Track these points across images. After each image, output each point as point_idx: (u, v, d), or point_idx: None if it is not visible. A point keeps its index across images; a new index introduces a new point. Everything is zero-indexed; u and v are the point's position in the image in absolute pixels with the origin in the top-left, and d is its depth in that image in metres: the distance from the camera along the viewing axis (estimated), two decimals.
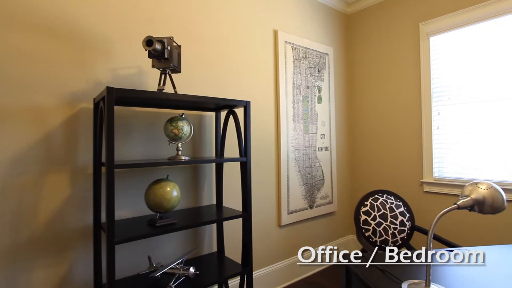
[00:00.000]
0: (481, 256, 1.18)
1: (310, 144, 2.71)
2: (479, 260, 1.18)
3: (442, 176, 2.52)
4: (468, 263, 1.20)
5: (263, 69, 2.39)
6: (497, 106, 2.23)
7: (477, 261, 1.18)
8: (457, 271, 1.21)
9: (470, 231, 2.35)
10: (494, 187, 1.00)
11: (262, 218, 2.34)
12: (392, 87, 2.85)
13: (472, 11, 2.31)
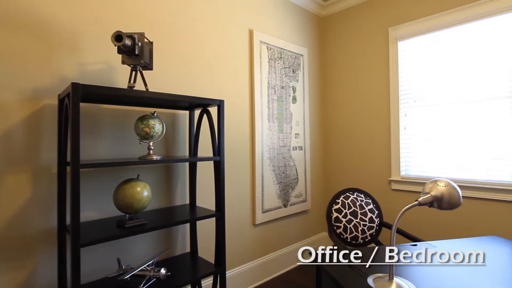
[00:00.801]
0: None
1: (284, 144, 2.75)
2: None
3: (409, 174, 2.64)
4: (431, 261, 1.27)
5: (238, 68, 2.39)
6: (458, 108, 2.37)
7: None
8: (419, 264, 1.28)
9: (434, 225, 2.48)
10: (451, 185, 1.07)
11: (236, 217, 2.34)
12: (363, 89, 2.95)
13: (436, 18, 2.44)
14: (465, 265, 1.16)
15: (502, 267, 1.24)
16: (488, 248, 1.46)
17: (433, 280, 1.13)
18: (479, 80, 2.27)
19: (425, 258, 1.25)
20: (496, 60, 2.19)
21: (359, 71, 2.99)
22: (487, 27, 2.23)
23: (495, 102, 2.19)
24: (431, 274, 1.18)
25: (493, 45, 2.20)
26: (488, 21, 2.22)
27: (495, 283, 1.11)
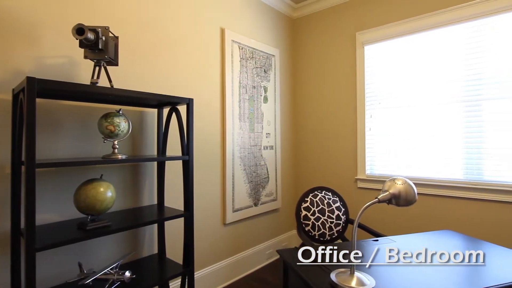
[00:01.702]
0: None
1: (255, 143, 2.77)
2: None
3: (373, 173, 2.77)
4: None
5: (210, 66, 2.37)
6: (418, 111, 2.52)
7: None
8: (379, 258, 1.35)
9: (396, 221, 2.62)
10: (408, 183, 1.14)
11: (206, 217, 2.33)
12: (332, 91, 3.05)
13: (401, 25, 2.58)
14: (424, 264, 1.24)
15: (462, 260, 1.33)
16: (441, 241, 1.57)
17: (390, 274, 1.19)
18: (438, 85, 2.42)
19: (386, 255, 1.33)
20: (453, 67, 2.36)
21: (328, 73, 3.08)
22: (445, 35, 2.39)
23: (451, 105, 2.36)
24: (389, 268, 1.25)
25: (451, 52, 2.37)
26: (447, 30, 2.38)
27: (446, 274, 1.19)
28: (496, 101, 2.17)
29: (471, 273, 1.20)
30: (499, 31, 2.16)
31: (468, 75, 2.28)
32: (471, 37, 2.27)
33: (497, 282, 1.11)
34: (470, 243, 1.53)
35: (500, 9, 2.12)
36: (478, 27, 2.24)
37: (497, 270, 1.22)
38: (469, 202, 2.26)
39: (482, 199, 2.20)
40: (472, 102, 2.26)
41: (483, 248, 1.46)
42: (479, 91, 2.23)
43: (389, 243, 1.55)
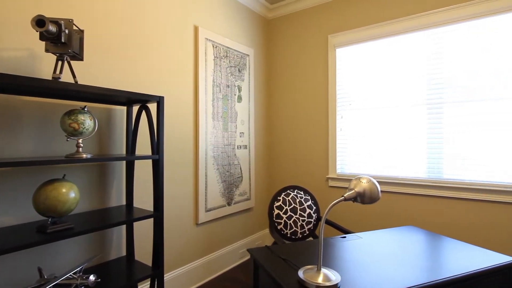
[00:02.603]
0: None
1: (229, 142, 2.76)
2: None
3: (344, 172, 2.86)
4: None
5: (183, 64, 2.33)
6: (386, 112, 2.63)
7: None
8: (346, 255, 1.40)
9: (363, 218, 2.72)
10: (372, 181, 1.18)
11: (178, 217, 2.29)
12: (305, 91, 3.10)
13: (371, 29, 2.67)
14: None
15: (415, 254, 1.41)
16: (405, 236, 1.65)
17: (356, 269, 1.24)
18: (404, 88, 2.54)
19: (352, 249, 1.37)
20: (418, 71, 2.48)
21: (301, 74, 3.13)
22: (412, 41, 2.51)
23: (416, 108, 2.48)
24: (355, 263, 1.29)
25: (416, 57, 2.49)
26: (413, 36, 2.50)
27: (408, 268, 1.26)
28: (455, 105, 2.32)
29: (430, 266, 1.27)
30: (458, 39, 2.31)
31: (431, 80, 2.42)
32: (434, 43, 2.41)
33: (453, 273, 1.19)
34: (431, 238, 1.62)
35: (459, 18, 2.27)
36: (440, 34, 2.38)
37: (453, 263, 1.30)
38: (431, 199, 2.40)
39: (442, 196, 2.35)
40: (434, 105, 2.40)
41: (442, 242, 1.56)
42: (440, 95, 2.37)
43: (356, 240, 1.60)
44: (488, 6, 2.15)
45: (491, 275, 1.28)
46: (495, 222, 2.15)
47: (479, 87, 2.23)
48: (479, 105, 2.23)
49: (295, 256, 1.37)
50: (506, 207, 2.11)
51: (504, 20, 2.13)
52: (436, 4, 2.37)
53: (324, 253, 1.41)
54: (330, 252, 1.43)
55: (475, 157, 2.24)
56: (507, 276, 1.32)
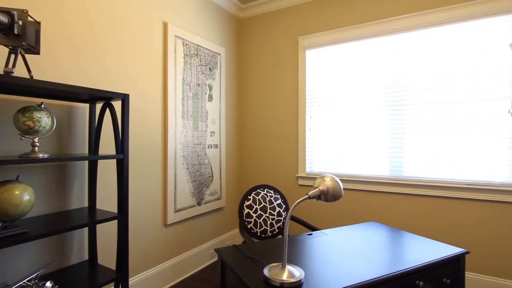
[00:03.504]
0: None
1: (199, 142, 2.73)
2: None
3: (313, 171, 2.93)
4: None
5: (151, 61, 2.27)
6: (351, 113, 2.74)
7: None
8: (312, 251, 1.44)
9: (329, 215, 2.81)
10: (335, 179, 1.22)
11: (145, 218, 2.22)
12: (276, 91, 3.14)
13: (339, 32, 2.76)
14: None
15: (376, 248, 1.48)
16: (367, 232, 1.73)
17: (320, 264, 1.28)
18: (369, 90, 2.66)
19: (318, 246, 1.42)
20: (382, 74, 2.60)
21: (272, 74, 3.17)
22: (377, 45, 2.63)
23: (379, 109, 2.60)
24: (320, 259, 1.33)
25: (380, 61, 2.61)
26: (378, 40, 2.62)
27: (369, 261, 1.32)
28: (415, 107, 2.46)
29: (390, 259, 1.34)
30: (419, 44, 2.45)
31: (394, 82, 2.54)
32: (397, 48, 2.53)
33: (410, 265, 1.27)
34: (392, 233, 1.71)
35: (419, 25, 2.41)
36: (402, 39, 2.51)
37: (411, 255, 1.38)
38: (393, 196, 2.53)
39: (403, 193, 2.48)
40: (396, 107, 2.53)
41: (401, 237, 1.65)
42: (402, 97, 2.51)
43: (322, 236, 1.65)
44: (446, 15, 2.31)
45: (444, 265, 1.38)
46: (449, 216, 2.32)
47: (437, 90, 2.38)
48: (436, 108, 2.38)
49: (262, 254, 1.38)
50: (458, 202, 2.28)
51: (460, 28, 2.30)
52: (399, 11, 2.50)
53: (291, 250, 1.44)
54: (297, 249, 1.46)
55: (433, 156, 2.39)
56: (457, 265, 1.42)
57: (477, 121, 2.23)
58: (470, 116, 2.26)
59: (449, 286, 1.39)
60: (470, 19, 2.22)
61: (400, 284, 1.25)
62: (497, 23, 2.16)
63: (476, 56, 2.23)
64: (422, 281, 1.29)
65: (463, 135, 2.28)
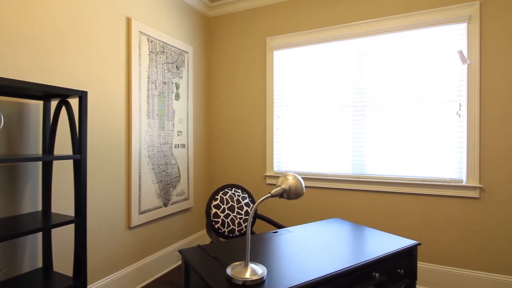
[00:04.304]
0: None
1: (166, 141, 2.66)
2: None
3: (280, 170, 2.98)
4: None
5: (113, 58, 2.18)
6: (318, 113, 2.82)
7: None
8: (276, 248, 1.46)
9: (295, 213, 2.88)
10: (297, 178, 1.26)
11: (107, 221, 2.13)
12: (244, 91, 3.16)
13: (305, 35, 2.83)
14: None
15: (338, 243, 1.54)
16: (330, 228, 1.79)
17: (283, 261, 1.31)
18: (334, 92, 2.75)
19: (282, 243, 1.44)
20: (345, 76, 2.71)
21: (241, 74, 3.18)
22: (341, 48, 2.73)
23: (343, 110, 2.71)
24: (284, 256, 1.36)
25: (344, 63, 2.71)
26: (342, 43, 2.72)
27: (331, 256, 1.37)
28: (375, 108, 2.59)
29: (351, 253, 1.40)
30: (378, 49, 2.58)
31: (356, 84, 2.66)
32: (359, 51, 2.65)
33: (368, 258, 1.34)
34: (353, 228, 1.79)
35: (379, 30, 2.54)
36: (363, 43, 2.63)
37: (370, 249, 1.45)
38: (355, 193, 2.64)
39: (365, 190, 2.61)
40: (358, 108, 2.65)
41: (362, 231, 1.73)
42: (363, 99, 2.63)
43: (286, 234, 1.69)
44: (403, 22, 2.45)
45: (398, 257, 1.47)
46: (405, 211, 2.47)
47: (394, 93, 2.52)
48: (393, 109, 2.52)
49: (228, 253, 1.38)
50: (413, 197, 2.44)
51: (415, 35, 2.45)
52: (361, 17, 2.62)
53: (256, 248, 1.46)
54: (262, 247, 1.48)
55: (391, 155, 2.54)
56: (409, 256, 1.53)
57: (429, 122, 2.40)
58: (423, 117, 2.42)
59: (403, 276, 1.49)
60: (424, 26, 2.38)
61: (358, 276, 1.31)
62: (447, 31, 2.34)
63: (429, 61, 2.40)
64: (378, 273, 1.37)
65: (417, 135, 2.44)
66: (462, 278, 2.28)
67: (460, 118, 2.30)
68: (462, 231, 2.29)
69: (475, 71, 2.23)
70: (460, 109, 2.30)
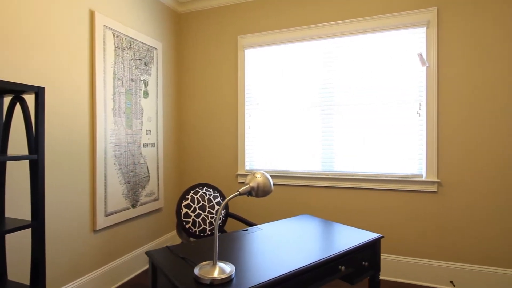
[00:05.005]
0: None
1: (134, 140, 2.58)
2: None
3: (252, 168, 3.00)
4: None
5: (74, 53, 2.06)
6: (289, 112, 2.86)
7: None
8: (246, 246, 1.47)
9: (266, 210, 2.91)
10: (265, 176, 1.27)
11: (69, 224, 2.02)
12: (215, 89, 3.13)
13: (275, 34, 2.86)
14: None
15: (307, 239, 1.58)
16: (299, 224, 1.83)
17: (252, 258, 1.32)
18: (304, 91, 2.80)
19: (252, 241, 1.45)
20: (314, 76, 2.77)
21: (212, 72, 3.14)
22: (310, 48, 2.78)
23: (313, 109, 2.77)
24: (253, 254, 1.37)
25: (313, 63, 2.77)
26: (310, 43, 2.77)
27: (299, 251, 1.40)
28: (342, 108, 2.67)
29: (319, 247, 1.44)
30: (345, 51, 2.67)
31: (324, 84, 2.73)
32: (327, 52, 2.72)
33: (335, 251, 1.38)
34: (322, 224, 1.84)
35: (345, 32, 2.62)
36: (331, 45, 2.70)
37: (337, 243, 1.50)
38: (325, 190, 2.72)
39: (333, 187, 2.69)
40: (327, 107, 2.72)
41: (330, 227, 1.78)
42: (331, 98, 2.70)
43: (257, 231, 1.70)
44: (367, 25, 2.55)
45: (362, 250, 1.53)
46: (371, 206, 2.58)
47: (359, 93, 2.62)
48: (359, 109, 2.62)
49: (197, 253, 1.37)
50: (378, 192, 2.55)
51: (379, 38, 2.56)
52: (329, 18, 2.69)
53: (225, 247, 1.45)
54: (231, 245, 1.48)
55: (358, 152, 2.64)
56: (373, 249, 1.59)
57: (393, 121, 2.52)
58: (387, 116, 2.54)
59: (367, 268, 1.56)
60: (386, 29, 2.49)
61: (325, 270, 1.35)
62: (409, 35, 2.47)
63: (392, 63, 2.52)
64: (344, 266, 1.42)
65: (382, 134, 2.56)
66: (423, 267, 2.42)
67: (420, 117, 2.44)
68: (422, 224, 2.43)
69: (433, 72, 2.37)
70: (420, 108, 2.44)
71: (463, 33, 2.31)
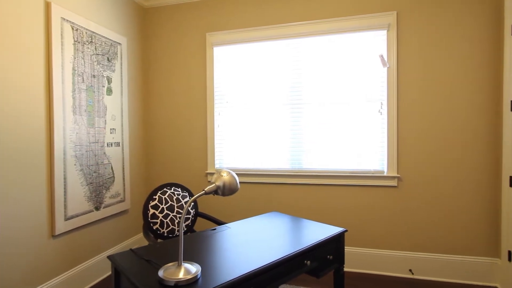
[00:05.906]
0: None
1: (96, 140, 2.46)
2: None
3: (222, 166, 2.98)
4: None
5: (28, 47, 1.92)
6: (258, 110, 2.88)
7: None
8: (213, 246, 1.46)
9: (235, 208, 2.92)
10: (231, 174, 1.27)
11: (24, 230, 1.89)
12: (184, 87, 3.07)
13: (244, 32, 2.85)
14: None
15: (275, 235, 1.60)
16: (268, 222, 1.85)
17: (219, 257, 1.31)
18: (273, 89, 2.83)
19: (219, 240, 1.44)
20: (283, 74, 2.81)
21: (180, 69, 3.08)
22: (279, 47, 2.82)
23: (282, 108, 2.81)
24: (220, 253, 1.37)
25: (282, 62, 2.81)
26: (280, 43, 2.81)
27: (266, 248, 1.42)
28: (310, 106, 2.74)
29: (286, 244, 1.47)
30: (313, 51, 2.73)
31: (292, 83, 2.78)
32: (295, 51, 2.77)
33: (302, 247, 1.41)
34: (290, 221, 1.88)
35: (311, 32, 2.68)
36: (298, 44, 2.76)
37: (304, 238, 1.54)
38: (293, 187, 2.77)
39: (302, 184, 2.75)
40: (295, 105, 2.77)
41: (298, 223, 1.82)
42: (299, 97, 2.76)
43: (225, 230, 1.70)
44: (333, 26, 2.63)
45: (327, 244, 1.59)
46: (337, 201, 2.67)
47: (325, 92, 2.70)
48: (324, 108, 2.70)
49: (162, 255, 1.34)
50: (344, 188, 2.65)
51: (343, 39, 2.65)
52: (297, 18, 2.73)
53: (192, 247, 1.44)
54: (199, 245, 1.46)
55: (324, 150, 2.72)
56: (338, 242, 1.66)
57: (356, 120, 2.63)
58: (351, 115, 2.64)
59: (332, 261, 1.61)
60: (350, 31, 2.59)
61: (291, 266, 1.39)
62: (371, 36, 2.58)
63: (356, 63, 2.62)
64: (309, 261, 1.46)
65: (346, 132, 2.66)
66: (384, 257, 2.56)
67: (382, 116, 2.57)
68: (384, 217, 2.57)
69: (393, 73, 2.50)
70: (382, 107, 2.57)
71: (422, 35, 2.45)
